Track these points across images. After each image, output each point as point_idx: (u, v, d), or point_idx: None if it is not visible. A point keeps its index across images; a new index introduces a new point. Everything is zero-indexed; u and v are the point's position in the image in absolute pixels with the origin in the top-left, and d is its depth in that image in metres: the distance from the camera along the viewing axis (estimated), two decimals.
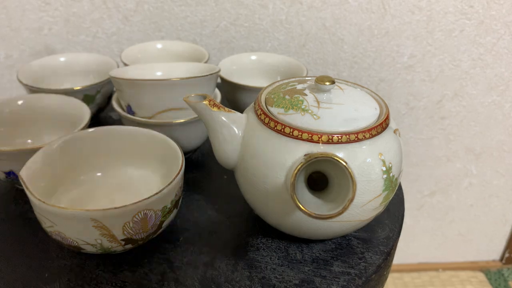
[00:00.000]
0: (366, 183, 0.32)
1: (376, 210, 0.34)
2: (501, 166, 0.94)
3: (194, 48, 0.63)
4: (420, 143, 0.90)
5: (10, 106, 0.48)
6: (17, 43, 0.75)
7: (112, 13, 0.73)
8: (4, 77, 0.78)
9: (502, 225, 1.04)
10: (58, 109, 0.49)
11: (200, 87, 0.45)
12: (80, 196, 0.41)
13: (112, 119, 0.59)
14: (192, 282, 0.35)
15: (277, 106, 0.34)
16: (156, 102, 0.44)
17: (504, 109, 0.86)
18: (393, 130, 0.35)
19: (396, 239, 0.40)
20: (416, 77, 0.81)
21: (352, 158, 0.31)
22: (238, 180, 0.37)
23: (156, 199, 0.34)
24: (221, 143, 0.35)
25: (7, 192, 0.45)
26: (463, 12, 0.75)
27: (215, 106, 0.35)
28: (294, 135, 0.31)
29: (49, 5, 0.72)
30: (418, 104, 0.84)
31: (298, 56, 0.78)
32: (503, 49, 0.79)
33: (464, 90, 0.83)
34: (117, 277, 0.35)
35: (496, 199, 0.99)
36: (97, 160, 0.43)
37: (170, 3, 0.73)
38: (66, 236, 0.33)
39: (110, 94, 0.56)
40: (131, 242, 0.35)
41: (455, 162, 0.93)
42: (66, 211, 0.32)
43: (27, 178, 0.35)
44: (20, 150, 0.39)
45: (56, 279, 0.35)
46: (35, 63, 0.58)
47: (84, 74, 0.61)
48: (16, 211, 0.43)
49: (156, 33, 0.75)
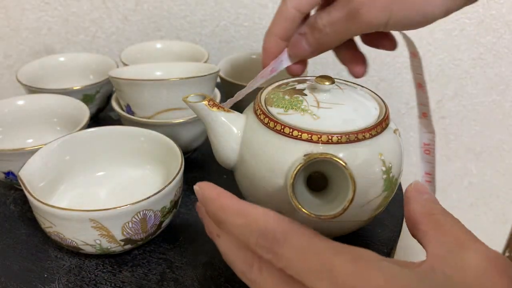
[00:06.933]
0: (366, 184, 0.32)
1: (376, 211, 0.34)
2: (501, 166, 0.94)
3: (193, 47, 0.63)
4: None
5: (9, 106, 0.48)
6: (16, 43, 0.75)
7: (112, 12, 0.73)
8: (3, 77, 0.78)
9: (502, 225, 1.04)
10: (58, 109, 0.49)
11: (200, 87, 0.45)
12: (79, 197, 0.41)
13: (112, 119, 0.59)
14: (191, 282, 0.35)
15: (277, 106, 0.34)
16: (155, 102, 0.44)
17: (504, 109, 0.86)
18: (393, 130, 0.35)
19: (396, 239, 0.40)
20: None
21: (351, 158, 0.31)
22: (238, 180, 0.37)
23: (155, 199, 0.33)
24: (220, 143, 0.35)
25: (6, 192, 0.45)
26: (463, 11, 0.75)
27: (214, 106, 0.35)
28: (294, 135, 0.31)
29: (49, 4, 0.72)
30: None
31: None
32: (503, 48, 0.79)
33: (464, 89, 0.83)
34: (116, 277, 0.35)
35: (496, 198, 0.99)
36: (96, 160, 0.43)
37: (169, 3, 0.73)
38: (65, 237, 0.33)
39: (109, 94, 0.56)
40: (130, 243, 0.35)
41: (455, 162, 0.93)
42: (65, 211, 0.32)
43: (26, 179, 0.35)
44: (19, 150, 0.39)
45: (55, 279, 0.35)
46: (34, 63, 0.58)
47: (84, 74, 0.61)
48: (15, 211, 0.43)
49: (156, 32, 0.75)
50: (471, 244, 0.23)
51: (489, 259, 0.22)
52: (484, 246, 0.23)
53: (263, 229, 0.24)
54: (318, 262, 0.22)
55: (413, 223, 0.26)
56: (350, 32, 0.34)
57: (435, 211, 0.26)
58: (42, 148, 0.38)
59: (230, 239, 0.26)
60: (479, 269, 0.22)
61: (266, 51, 0.37)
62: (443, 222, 0.25)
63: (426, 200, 0.27)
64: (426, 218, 0.26)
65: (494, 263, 0.22)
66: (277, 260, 0.23)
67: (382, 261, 0.22)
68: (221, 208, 0.26)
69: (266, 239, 0.23)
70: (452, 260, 0.22)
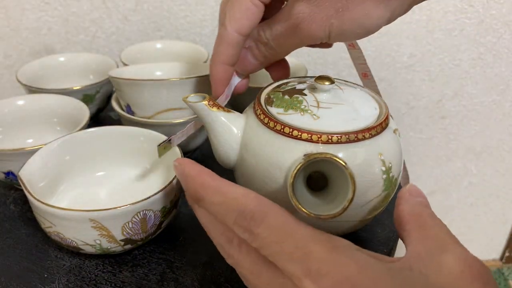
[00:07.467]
0: (365, 183, 0.32)
1: (376, 210, 0.34)
2: (501, 166, 0.94)
3: (193, 47, 0.63)
4: (420, 143, 0.89)
5: (9, 106, 0.48)
6: (16, 43, 0.75)
7: (112, 12, 0.73)
8: (3, 77, 0.78)
9: (502, 224, 1.04)
10: (58, 109, 0.49)
11: (200, 87, 0.45)
12: (79, 197, 0.41)
13: (112, 119, 0.59)
14: (191, 282, 0.35)
15: (277, 106, 0.34)
16: (155, 102, 0.44)
17: (504, 109, 0.86)
18: (393, 130, 0.35)
19: (396, 239, 0.40)
20: (416, 76, 0.81)
21: (351, 158, 0.31)
22: (238, 180, 0.37)
23: (155, 199, 0.33)
24: (220, 143, 0.35)
25: (6, 192, 0.45)
26: (463, 11, 0.75)
27: (214, 106, 0.35)
28: (294, 135, 0.31)
29: (48, 4, 0.72)
30: (418, 103, 0.84)
31: (298, 55, 0.78)
32: (503, 48, 0.79)
33: (464, 89, 0.83)
34: (116, 278, 0.35)
35: (496, 198, 0.99)
36: (96, 160, 0.43)
37: (169, 3, 0.73)
38: (65, 237, 0.33)
39: (109, 94, 0.56)
40: (130, 243, 0.35)
41: (455, 162, 0.93)
42: (65, 211, 0.32)
43: (26, 179, 0.35)
44: (19, 150, 0.39)
45: (55, 279, 0.35)
46: (34, 63, 0.58)
47: (84, 74, 0.61)
48: (15, 211, 0.43)
49: (156, 32, 0.75)
50: (452, 247, 0.23)
51: (467, 263, 0.22)
52: (464, 250, 0.23)
53: (242, 209, 0.24)
54: (294, 245, 0.22)
55: (400, 222, 0.26)
56: (295, 44, 0.34)
57: (423, 214, 0.26)
58: (42, 148, 0.38)
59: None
60: (455, 271, 0.22)
61: (216, 80, 0.36)
62: (429, 224, 0.25)
63: (417, 202, 0.27)
64: (413, 218, 0.26)
65: (471, 267, 0.22)
66: (253, 240, 0.23)
67: (358, 251, 0.22)
68: (201, 185, 0.26)
69: (244, 218, 0.23)
70: (430, 260, 0.22)
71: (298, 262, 0.21)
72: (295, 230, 0.23)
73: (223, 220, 0.25)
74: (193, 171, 0.27)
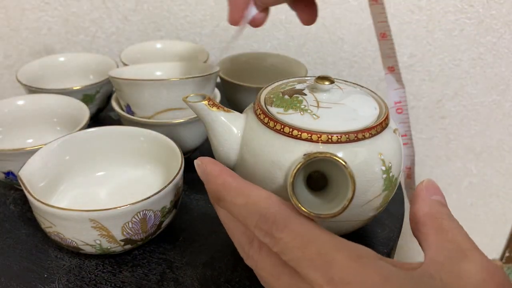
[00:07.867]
0: (365, 183, 0.32)
1: (376, 210, 0.34)
2: (501, 166, 0.94)
3: (193, 47, 0.63)
4: (420, 143, 0.89)
5: (9, 106, 0.48)
6: (16, 43, 0.75)
7: (112, 12, 0.73)
8: (3, 77, 0.78)
9: (502, 224, 1.04)
10: (58, 109, 0.49)
11: (200, 87, 0.45)
12: (79, 197, 0.41)
13: (112, 119, 0.59)
14: (191, 282, 0.35)
15: (277, 105, 0.34)
16: (155, 102, 0.44)
17: (504, 109, 0.86)
18: (392, 130, 0.35)
19: (396, 239, 0.40)
20: (416, 76, 0.81)
21: (351, 157, 0.31)
22: None
23: (155, 199, 0.33)
24: (220, 143, 0.35)
25: (6, 192, 0.45)
26: (463, 11, 0.75)
27: (214, 106, 0.35)
28: (294, 135, 0.31)
29: (48, 4, 0.72)
30: (418, 103, 0.84)
31: (298, 55, 0.78)
32: (503, 48, 0.79)
33: (464, 89, 0.83)
34: (116, 278, 0.35)
35: (496, 198, 0.99)
36: (96, 160, 0.43)
37: (169, 3, 0.73)
38: (65, 237, 0.33)
39: (109, 94, 0.56)
40: (130, 243, 0.35)
41: (455, 162, 0.93)
42: (65, 212, 0.32)
43: (26, 179, 0.35)
44: (19, 150, 0.39)
45: (55, 279, 0.35)
46: (34, 63, 0.58)
47: (84, 74, 0.61)
48: (15, 211, 0.43)
49: (156, 32, 0.75)
50: (472, 253, 0.23)
51: (488, 271, 0.22)
52: (484, 257, 0.23)
53: (264, 212, 0.23)
54: (316, 252, 0.22)
55: (416, 223, 0.26)
56: None
57: (440, 215, 0.25)
58: (42, 148, 0.38)
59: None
60: (477, 279, 0.21)
61: (234, 4, 0.35)
62: (447, 227, 0.25)
63: (434, 201, 0.26)
64: (430, 220, 0.25)
65: (493, 275, 0.22)
66: (274, 244, 0.23)
67: (380, 260, 0.22)
68: (223, 186, 0.26)
69: (266, 222, 0.23)
70: (451, 267, 0.22)
71: (320, 269, 0.21)
72: (317, 236, 0.23)
73: (244, 222, 0.24)
74: (214, 171, 0.27)
